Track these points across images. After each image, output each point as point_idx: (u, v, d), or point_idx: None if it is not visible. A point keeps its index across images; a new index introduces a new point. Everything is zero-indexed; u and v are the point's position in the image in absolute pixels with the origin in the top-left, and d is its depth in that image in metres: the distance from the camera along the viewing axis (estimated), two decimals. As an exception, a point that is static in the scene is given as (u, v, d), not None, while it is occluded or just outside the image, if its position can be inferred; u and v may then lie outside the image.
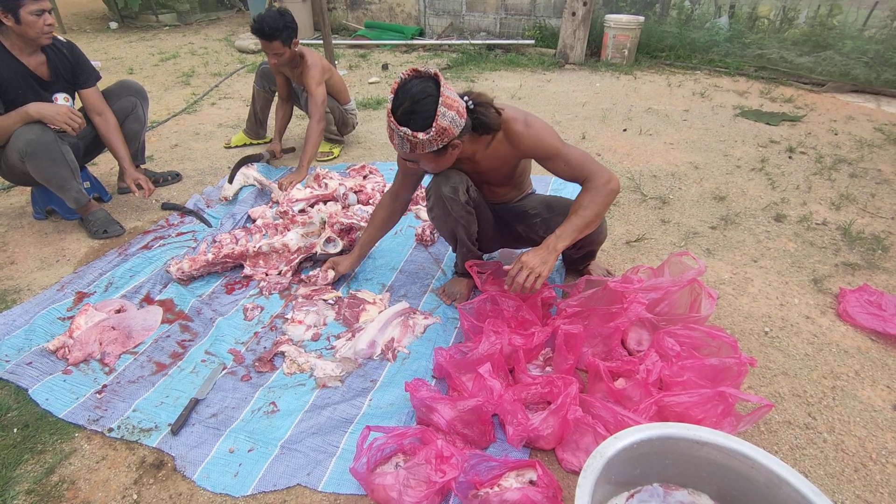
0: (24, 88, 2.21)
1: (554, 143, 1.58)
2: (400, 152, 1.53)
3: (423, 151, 1.47)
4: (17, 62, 2.19)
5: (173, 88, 4.80)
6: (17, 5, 2.05)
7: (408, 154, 1.51)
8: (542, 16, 6.21)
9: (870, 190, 2.90)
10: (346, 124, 3.38)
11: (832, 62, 4.91)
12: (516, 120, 1.58)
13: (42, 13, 2.11)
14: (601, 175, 1.57)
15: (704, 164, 3.21)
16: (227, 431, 1.50)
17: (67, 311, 1.97)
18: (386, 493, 1.25)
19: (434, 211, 1.80)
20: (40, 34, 2.14)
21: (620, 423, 1.31)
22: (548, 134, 1.59)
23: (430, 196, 1.77)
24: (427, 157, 1.53)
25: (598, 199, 1.56)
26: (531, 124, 1.58)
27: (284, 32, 2.68)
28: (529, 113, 1.62)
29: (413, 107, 1.40)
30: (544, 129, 1.60)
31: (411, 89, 1.40)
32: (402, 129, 1.41)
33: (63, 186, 2.30)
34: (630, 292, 1.70)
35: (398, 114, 1.42)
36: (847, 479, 1.38)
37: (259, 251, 2.18)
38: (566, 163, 1.59)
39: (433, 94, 1.40)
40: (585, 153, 1.61)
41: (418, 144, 1.44)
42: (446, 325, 1.92)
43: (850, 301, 1.95)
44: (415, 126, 1.41)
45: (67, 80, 2.36)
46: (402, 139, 1.44)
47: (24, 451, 1.45)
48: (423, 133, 1.41)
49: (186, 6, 8.01)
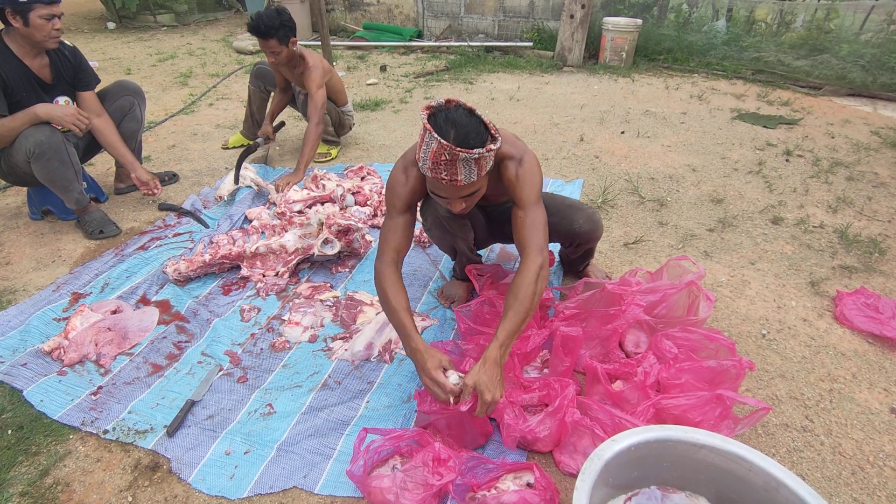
0: (27, 90, 2.21)
1: (530, 195, 1.48)
2: (463, 186, 1.34)
3: (486, 171, 1.35)
4: (21, 64, 2.18)
5: (171, 89, 4.79)
6: (28, 8, 2.04)
7: (474, 181, 1.34)
8: (540, 18, 6.22)
9: (866, 193, 2.91)
10: (343, 126, 3.38)
11: (829, 66, 4.93)
12: (512, 159, 1.50)
13: (52, 18, 2.10)
14: (538, 256, 1.43)
15: (702, 166, 3.22)
16: (224, 433, 1.49)
17: (63, 311, 1.96)
18: (383, 496, 1.24)
19: (432, 231, 1.78)
20: (47, 38, 2.14)
21: (618, 426, 1.31)
22: (531, 182, 1.49)
23: (427, 218, 1.74)
24: (485, 179, 1.40)
25: (532, 290, 1.40)
26: (523, 167, 1.49)
27: (281, 30, 2.67)
28: (529, 152, 1.53)
29: (467, 126, 1.28)
30: (533, 176, 1.50)
31: (450, 116, 1.29)
32: (475, 150, 1.26)
33: (66, 188, 2.30)
34: (628, 295, 1.70)
35: (455, 139, 1.26)
36: (844, 481, 1.38)
37: (256, 252, 2.17)
38: (524, 217, 1.48)
39: (471, 110, 1.32)
40: (543, 223, 1.49)
41: (486, 161, 1.32)
42: (444, 328, 1.91)
43: (847, 304, 1.95)
44: (478, 142, 1.28)
45: (69, 83, 2.36)
46: (470, 165, 1.29)
47: (19, 453, 1.44)
48: (492, 143, 1.31)
49: (184, 7, 8.00)
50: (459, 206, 1.44)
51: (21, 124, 2.12)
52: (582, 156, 3.37)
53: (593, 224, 1.81)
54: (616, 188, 2.92)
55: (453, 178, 1.30)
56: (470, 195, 1.41)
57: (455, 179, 1.31)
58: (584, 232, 1.80)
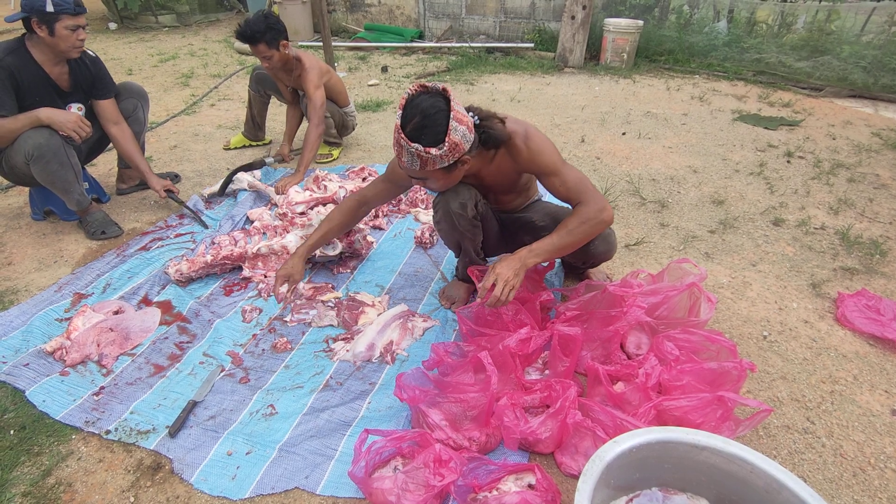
0: (42, 96, 2.21)
1: (552, 160, 1.54)
2: (408, 170, 1.46)
3: (433, 168, 1.41)
4: (41, 70, 2.19)
5: (172, 89, 4.79)
6: (54, 19, 2.05)
7: (417, 171, 1.44)
8: (541, 19, 6.22)
9: (868, 195, 2.91)
10: (346, 126, 3.38)
11: (830, 67, 4.93)
12: (516, 133, 1.54)
13: (77, 29, 2.12)
14: (595, 202, 1.50)
15: (703, 167, 3.22)
16: (225, 434, 1.50)
17: (65, 312, 1.96)
18: (384, 497, 1.24)
19: (441, 224, 1.79)
20: (71, 48, 2.15)
21: (619, 427, 1.31)
22: (547, 149, 1.55)
23: (438, 210, 1.75)
24: (437, 175, 1.46)
25: (585, 227, 1.49)
26: (531, 137, 1.54)
27: (268, 34, 2.65)
28: (530, 125, 1.58)
29: (424, 122, 1.34)
30: (544, 143, 1.55)
31: (421, 104, 1.35)
32: (414, 145, 1.35)
33: (66, 189, 2.30)
34: (629, 296, 1.70)
35: (408, 129, 1.35)
36: (846, 483, 1.38)
37: (258, 253, 2.18)
38: (562, 182, 1.54)
39: (443, 108, 1.35)
40: (584, 176, 1.56)
41: (430, 161, 1.38)
42: (445, 329, 1.91)
43: (848, 305, 1.95)
44: (427, 141, 1.35)
45: (85, 92, 2.37)
46: (412, 156, 1.38)
47: (21, 453, 1.44)
48: (435, 149, 1.35)
49: (186, 7, 8.01)
50: (419, 183, 1.59)
51: (22, 126, 2.13)
52: (583, 157, 3.37)
53: (608, 245, 1.80)
54: (617, 189, 2.92)
55: (400, 157, 1.44)
56: (421, 179, 1.51)
57: (402, 160, 1.43)
58: (598, 253, 1.81)
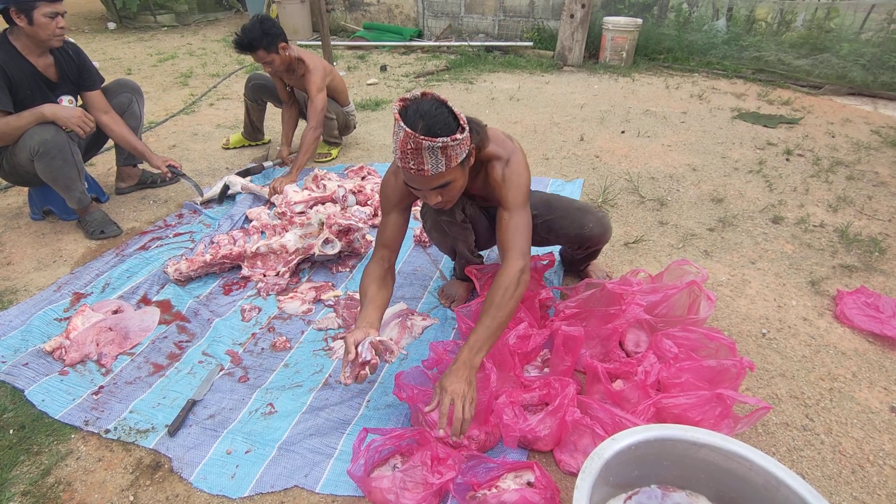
0: (33, 89, 2.21)
1: (515, 196, 1.48)
2: (430, 178, 1.32)
3: (457, 162, 1.32)
4: (27, 63, 2.19)
5: (171, 89, 4.79)
6: (31, 6, 2.04)
7: (442, 174, 1.32)
8: (540, 18, 6.22)
9: (867, 192, 2.91)
10: (349, 126, 3.38)
11: (829, 65, 4.93)
12: (499, 160, 1.49)
13: (55, 16, 2.11)
14: (515, 264, 1.42)
15: (702, 166, 3.22)
16: (225, 433, 1.50)
17: (64, 311, 1.97)
18: (383, 496, 1.24)
19: (432, 234, 1.78)
20: (51, 36, 2.14)
21: (618, 425, 1.31)
22: (517, 183, 1.48)
23: (427, 220, 1.74)
24: (458, 171, 1.36)
25: (510, 295, 1.39)
26: (510, 166, 1.48)
27: (264, 40, 2.61)
28: (518, 152, 1.51)
29: (432, 119, 1.27)
30: (520, 177, 1.49)
31: (418, 109, 1.28)
32: (438, 139, 1.24)
33: (69, 187, 2.31)
34: (628, 294, 1.70)
35: (421, 129, 1.25)
36: (844, 480, 1.38)
37: (257, 252, 2.18)
38: (508, 221, 1.47)
39: (437, 101, 1.32)
40: (528, 227, 1.49)
41: (455, 152, 1.29)
42: (444, 327, 1.91)
43: (847, 303, 1.95)
44: (446, 131, 1.26)
45: (73, 83, 2.36)
46: (436, 156, 1.27)
47: (20, 453, 1.44)
48: (458, 133, 1.28)
49: (185, 7, 8.01)
50: (435, 198, 1.41)
51: (27, 123, 2.13)
52: (582, 155, 3.37)
53: (603, 227, 1.80)
54: (616, 188, 2.92)
55: (420, 168, 1.29)
56: (442, 187, 1.37)
57: (422, 169, 1.30)
58: (593, 235, 1.80)
